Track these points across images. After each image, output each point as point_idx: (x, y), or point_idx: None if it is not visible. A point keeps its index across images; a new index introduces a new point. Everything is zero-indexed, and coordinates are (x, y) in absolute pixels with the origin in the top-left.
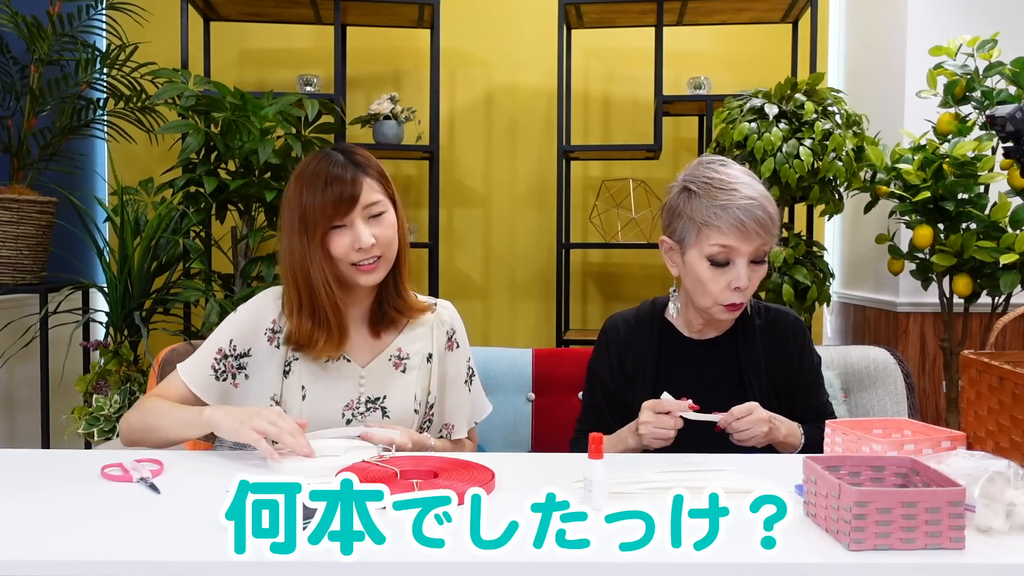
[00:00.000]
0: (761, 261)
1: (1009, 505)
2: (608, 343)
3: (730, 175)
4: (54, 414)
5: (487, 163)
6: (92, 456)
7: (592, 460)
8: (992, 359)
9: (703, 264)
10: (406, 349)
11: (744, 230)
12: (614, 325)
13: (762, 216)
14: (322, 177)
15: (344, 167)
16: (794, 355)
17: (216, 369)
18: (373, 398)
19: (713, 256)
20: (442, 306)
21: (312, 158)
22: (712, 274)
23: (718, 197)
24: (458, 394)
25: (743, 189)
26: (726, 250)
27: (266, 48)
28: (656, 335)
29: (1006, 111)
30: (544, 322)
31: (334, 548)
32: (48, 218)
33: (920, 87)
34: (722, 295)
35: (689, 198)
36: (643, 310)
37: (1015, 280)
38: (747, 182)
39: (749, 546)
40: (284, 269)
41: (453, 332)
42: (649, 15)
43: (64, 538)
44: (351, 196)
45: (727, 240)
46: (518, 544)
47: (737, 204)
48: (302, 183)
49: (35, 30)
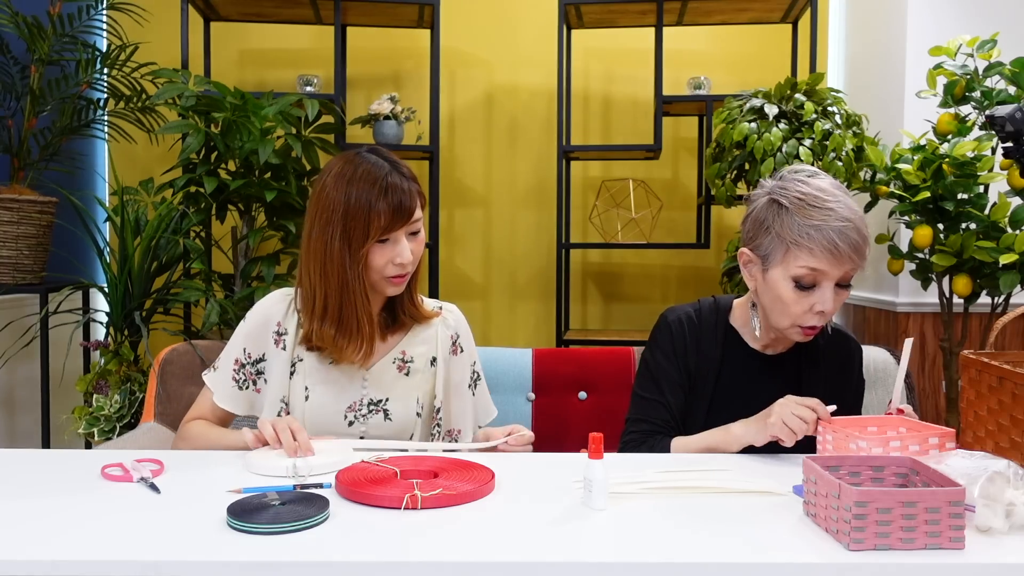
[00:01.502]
0: (847, 285)
1: (1009, 505)
2: (673, 337)
3: (824, 190)
4: (54, 414)
5: (487, 163)
6: (92, 456)
7: (592, 460)
8: (992, 359)
9: (787, 285)
10: (410, 352)
11: (837, 254)
12: (678, 320)
13: (856, 240)
14: (378, 183)
15: (400, 178)
16: (851, 380)
17: (237, 380)
18: (375, 400)
19: (800, 278)
20: (447, 310)
21: (354, 160)
22: (796, 296)
23: (813, 216)
24: (462, 399)
25: (839, 210)
26: (815, 273)
27: (266, 48)
28: (721, 339)
29: (1006, 111)
30: (544, 322)
31: (334, 548)
32: (48, 218)
33: (920, 87)
34: (803, 318)
35: (779, 213)
36: (705, 310)
37: (1015, 280)
38: (842, 200)
39: (749, 546)
40: (313, 271)
41: (458, 336)
42: (649, 15)
43: (64, 538)
44: (409, 209)
45: (817, 264)
46: (518, 544)
47: (831, 226)
48: (352, 186)
49: (35, 30)
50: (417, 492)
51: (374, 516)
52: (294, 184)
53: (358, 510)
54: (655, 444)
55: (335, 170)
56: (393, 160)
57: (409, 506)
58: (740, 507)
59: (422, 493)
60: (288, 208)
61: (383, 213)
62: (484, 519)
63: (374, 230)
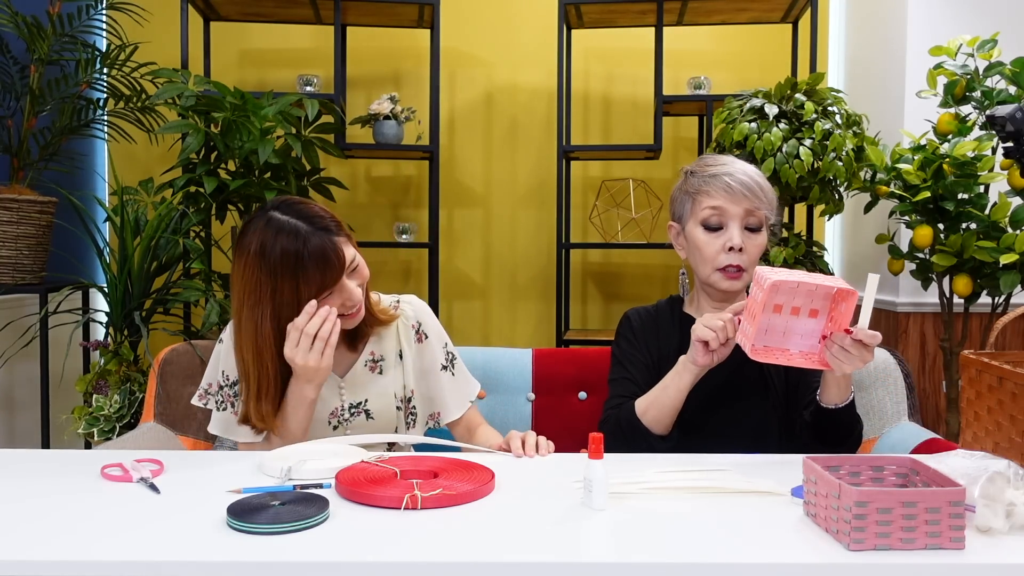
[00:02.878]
0: (756, 229)
1: (1009, 505)
2: (633, 327)
3: (725, 158)
4: (54, 414)
5: (487, 163)
6: (92, 456)
7: (592, 460)
8: (992, 359)
9: (699, 231)
10: (379, 352)
11: (731, 192)
12: (637, 315)
13: (749, 182)
14: (301, 258)
15: (320, 235)
16: None
17: (217, 402)
18: (355, 403)
19: (706, 220)
20: (405, 302)
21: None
22: (707, 238)
23: (708, 169)
24: (437, 381)
25: (733, 163)
26: (717, 211)
27: (266, 48)
28: (678, 325)
29: (1006, 111)
30: (544, 322)
31: (334, 548)
32: (48, 218)
33: (920, 87)
34: (718, 258)
35: (684, 178)
36: (662, 305)
37: (1015, 280)
38: (740, 163)
39: (749, 546)
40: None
41: (420, 325)
42: (649, 15)
43: (64, 538)
44: (338, 265)
45: (714, 202)
46: (518, 544)
47: (724, 171)
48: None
49: (35, 30)
50: (417, 492)
51: (374, 516)
52: (294, 184)
53: (358, 510)
54: (622, 412)
55: (253, 248)
56: (308, 214)
57: (409, 506)
58: (740, 507)
59: (422, 493)
60: None
61: (312, 282)
62: (484, 519)
63: (305, 299)
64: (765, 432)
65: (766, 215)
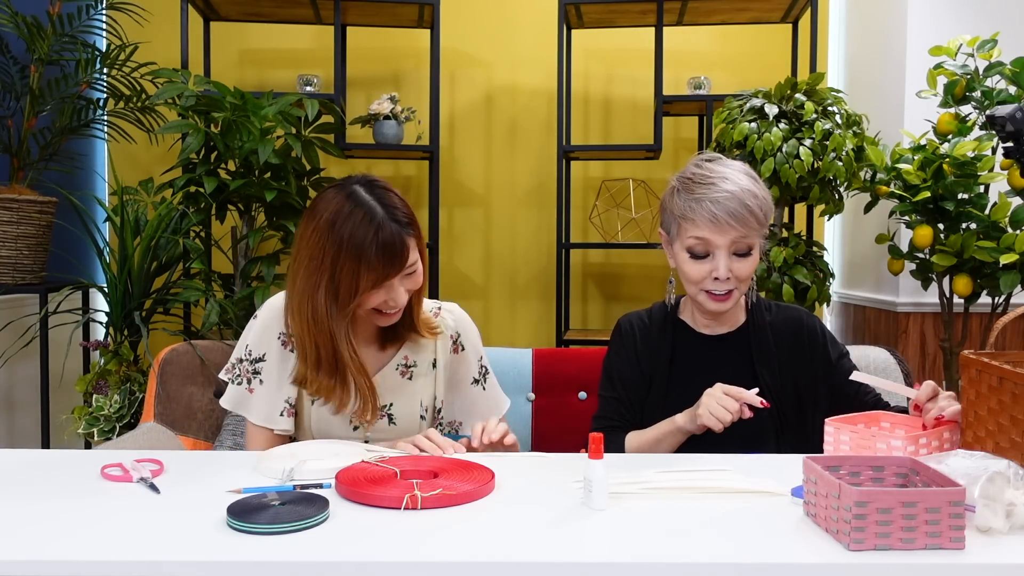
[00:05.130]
0: (745, 254)
1: (1009, 505)
2: (624, 339)
3: (713, 170)
4: (54, 414)
5: (487, 163)
6: (92, 456)
7: (592, 460)
8: (992, 359)
9: (684, 256)
10: (412, 357)
11: (716, 223)
12: (629, 323)
13: (736, 209)
14: (369, 243)
15: (394, 224)
16: (814, 351)
17: (234, 376)
18: (380, 405)
19: (691, 248)
20: (447, 310)
21: (348, 209)
22: (693, 265)
23: (694, 192)
24: (466, 394)
25: (721, 184)
26: (702, 242)
27: (266, 48)
28: (670, 333)
29: (1006, 111)
30: (544, 322)
31: (334, 548)
32: (48, 218)
33: (920, 87)
34: (703, 283)
35: (672, 195)
36: (656, 310)
37: (1015, 280)
38: (729, 176)
39: (749, 546)
40: (300, 317)
41: (458, 336)
42: (649, 15)
43: (64, 539)
44: (402, 259)
45: (700, 233)
46: (518, 544)
47: (710, 198)
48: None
49: (35, 30)
50: (417, 492)
51: (374, 516)
52: (294, 184)
53: (358, 510)
54: (611, 441)
55: (325, 216)
56: (388, 203)
57: (409, 506)
58: (740, 507)
59: (422, 493)
60: (288, 208)
61: (373, 270)
62: (484, 519)
63: (364, 286)
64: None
65: (756, 240)
